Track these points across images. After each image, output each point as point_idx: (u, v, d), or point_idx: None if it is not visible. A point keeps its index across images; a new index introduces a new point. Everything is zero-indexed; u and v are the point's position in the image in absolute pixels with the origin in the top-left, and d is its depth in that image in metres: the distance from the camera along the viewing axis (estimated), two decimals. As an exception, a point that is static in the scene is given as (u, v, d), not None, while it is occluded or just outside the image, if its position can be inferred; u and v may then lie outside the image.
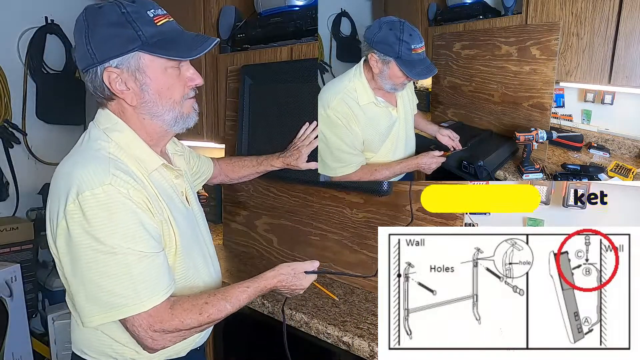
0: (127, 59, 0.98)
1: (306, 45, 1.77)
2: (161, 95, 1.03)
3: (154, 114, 1.05)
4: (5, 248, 2.49)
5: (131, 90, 1.01)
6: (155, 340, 0.99)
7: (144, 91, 1.02)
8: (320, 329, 1.39)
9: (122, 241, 0.94)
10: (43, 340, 2.53)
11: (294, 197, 1.87)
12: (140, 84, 1.01)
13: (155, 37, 0.98)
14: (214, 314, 1.04)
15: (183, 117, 1.08)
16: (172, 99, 1.05)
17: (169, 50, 0.99)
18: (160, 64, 1.01)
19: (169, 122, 1.07)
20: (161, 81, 1.02)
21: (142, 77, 1.00)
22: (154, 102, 1.03)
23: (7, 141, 2.68)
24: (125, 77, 1.00)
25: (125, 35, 0.96)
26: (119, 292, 0.95)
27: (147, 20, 0.98)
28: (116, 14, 0.97)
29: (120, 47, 0.97)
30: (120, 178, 0.96)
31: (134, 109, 1.04)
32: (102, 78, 1.00)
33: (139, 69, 1.00)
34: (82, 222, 0.93)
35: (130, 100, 1.02)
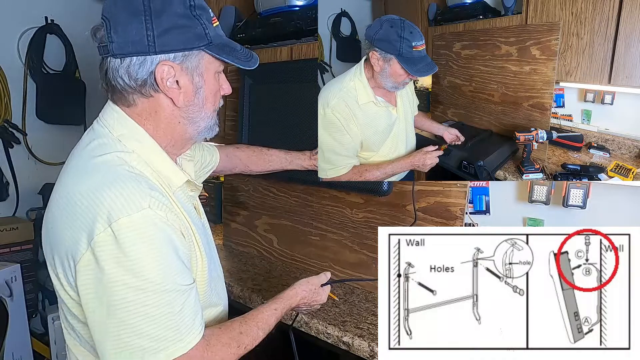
0: (190, 56, 0.90)
1: (306, 45, 1.77)
2: (208, 100, 0.97)
3: (192, 119, 0.96)
4: (5, 248, 2.49)
5: (182, 89, 0.91)
6: None
7: (198, 93, 0.93)
8: (320, 329, 1.39)
9: (164, 276, 0.82)
10: (43, 340, 2.53)
11: (294, 197, 1.87)
12: (195, 85, 0.93)
13: (217, 39, 0.92)
14: (249, 344, 0.99)
15: (212, 127, 1.02)
16: (214, 107, 1.00)
17: (231, 56, 0.94)
18: (214, 68, 0.95)
19: (201, 130, 0.99)
20: (212, 86, 0.96)
21: (199, 79, 0.93)
22: (200, 106, 0.95)
23: (7, 141, 2.68)
24: (180, 74, 0.90)
25: (193, 30, 0.88)
26: (159, 335, 0.82)
27: (209, 19, 0.91)
28: (183, 6, 0.87)
29: (187, 41, 0.88)
30: (158, 200, 0.83)
31: (175, 110, 0.93)
32: (155, 70, 0.88)
33: (197, 69, 0.91)
34: (118, 254, 0.79)
35: (176, 99, 0.92)
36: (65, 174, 0.90)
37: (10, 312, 2.32)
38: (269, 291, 1.62)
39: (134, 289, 0.80)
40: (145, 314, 0.81)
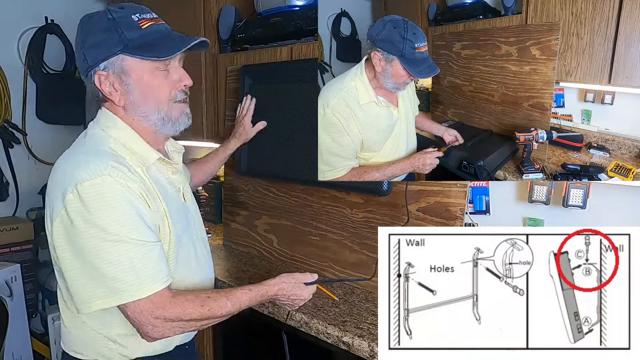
0: (113, 62, 1.04)
1: (306, 45, 1.77)
2: (146, 96, 1.07)
3: (141, 114, 1.09)
4: (5, 248, 2.49)
5: (118, 91, 1.06)
6: (156, 327, 1.01)
7: (129, 92, 1.06)
8: (320, 329, 1.39)
9: (121, 229, 0.96)
10: (43, 340, 2.53)
11: (294, 197, 1.87)
12: (125, 85, 1.06)
13: (138, 40, 1.03)
14: (215, 308, 1.06)
15: (170, 119, 1.11)
16: (158, 100, 1.08)
17: (147, 52, 1.04)
18: (145, 66, 1.05)
19: (156, 123, 1.10)
20: (146, 82, 1.06)
21: (127, 79, 1.05)
22: (140, 102, 1.07)
23: (7, 141, 2.68)
24: (112, 79, 1.05)
25: (110, 39, 1.02)
26: (121, 277, 0.96)
27: (131, 24, 1.03)
28: (104, 21, 1.03)
29: (106, 50, 1.03)
30: (118, 170, 0.99)
31: (124, 109, 1.09)
32: (94, 80, 1.05)
33: (123, 71, 1.04)
34: (82, 210, 0.95)
35: (117, 100, 1.07)
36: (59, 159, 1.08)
37: (10, 312, 2.33)
38: (269, 291, 1.62)
39: (97, 239, 0.95)
40: (106, 259, 0.96)
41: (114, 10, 1.04)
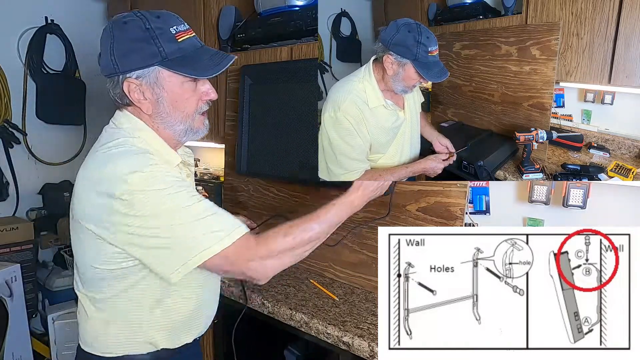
0: (147, 73, 1.05)
1: (306, 45, 1.77)
2: (175, 107, 1.10)
3: (167, 124, 1.11)
4: (5, 248, 2.49)
5: (148, 100, 1.08)
6: (255, 269, 1.06)
7: (160, 103, 1.08)
8: (320, 329, 1.39)
9: (187, 197, 1.01)
10: (43, 340, 2.53)
11: (294, 197, 1.87)
12: (156, 96, 1.07)
13: (175, 53, 1.05)
14: (299, 233, 1.10)
15: (193, 130, 1.14)
16: (185, 112, 1.11)
17: (186, 68, 1.05)
18: (177, 79, 1.07)
19: (179, 133, 1.13)
20: (177, 94, 1.08)
21: (159, 90, 1.07)
22: (168, 113, 1.10)
23: (7, 141, 2.68)
24: (143, 88, 1.06)
25: (147, 50, 1.03)
26: (201, 235, 1.00)
27: (169, 36, 1.04)
28: (140, 30, 1.03)
29: (142, 61, 1.04)
30: (160, 165, 1.03)
31: (149, 117, 1.10)
32: (122, 87, 1.06)
33: (157, 83, 1.06)
34: (146, 191, 0.98)
35: (146, 109, 1.09)
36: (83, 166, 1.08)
37: (10, 312, 2.32)
38: (268, 291, 1.62)
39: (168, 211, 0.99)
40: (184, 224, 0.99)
41: (152, 20, 1.04)
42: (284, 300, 1.55)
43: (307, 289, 1.64)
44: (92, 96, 2.89)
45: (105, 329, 1.12)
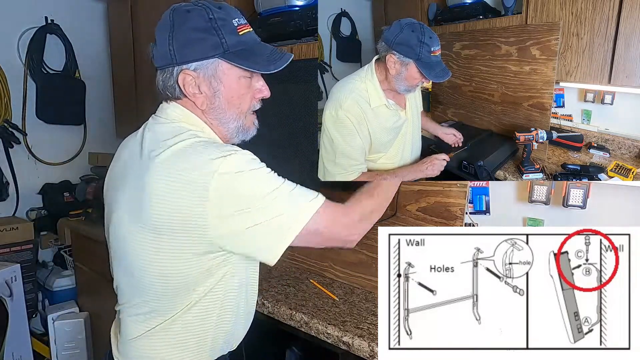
0: (206, 64, 1.00)
1: (306, 45, 1.77)
2: (230, 103, 1.05)
3: (220, 120, 1.06)
4: (5, 248, 2.49)
5: (203, 94, 1.02)
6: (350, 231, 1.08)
7: (216, 97, 1.03)
8: (320, 329, 1.39)
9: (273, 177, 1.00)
10: (43, 340, 2.53)
11: (294, 197, 1.87)
12: (213, 90, 1.02)
13: (237, 46, 1.00)
14: (383, 192, 1.19)
15: (244, 129, 1.10)
16: (240, 109, 1.07)
17: (248, 61, 1.01)
18: (235, 73, 1.03)
19: (232, 131, 1.08)
20: (234, 89, 1.04)
21: (217, 84, 1.02)
22: (223, 108, 1.04)
23: (7, 141, 2.68)
24: (200, 81, 1.01)
25: (209, 41, 0.98)
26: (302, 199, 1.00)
27: (231, 28, 1.00)
28: (203, 20, 0.98)
29: (202, 52, 0.99)
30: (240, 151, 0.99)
31: (202, 112, 1.05)
32: (177, 79, 1.01)
33: (215, 75, 1.01)
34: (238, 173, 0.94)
35: (200, 103, 1.03)
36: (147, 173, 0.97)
37: (10, 312, 2.33)
38: (268, 291, 1.62)
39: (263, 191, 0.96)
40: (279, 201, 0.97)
41: (215, 10, 0.99)
42: (284, 300, 1.55)
43: (307, 289, 1.64)
44: (92, 96, 2.89)
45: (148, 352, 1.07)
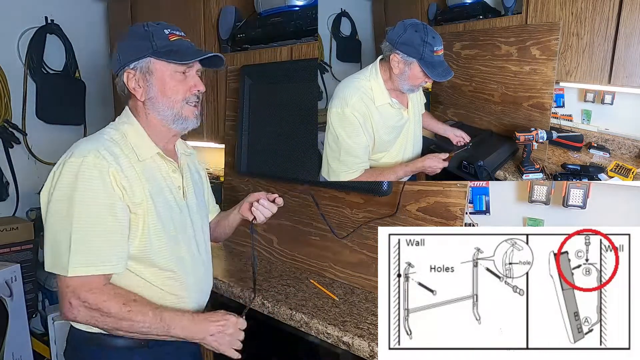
0: (142, 63, 1.21)
1: (306, 45, 1.77)
2: (164, 94, 1.23)
3: (157, 110, 1.23)
4: (5, 248, 2.49)
5: (141, 88, 1.22)
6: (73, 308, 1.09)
7: (150, 89, 1.22)
8: (320, 329, 1.39)
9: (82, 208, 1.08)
10: (43, 340, 2.53)
11: (294, 197, 1.87)
12: (148, 83, 1.22)
13: (165, 47, 1.21)
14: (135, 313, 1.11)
15: (182, 117, 1.25)
16: (173, 99, 1.23)
17: (170, 57, 1.21)
18: (168, 69, 1.22)
19: (169, 119, 1.24)
20: (165, 82, 1.22)
21: (150, 78, 1.22)
22: (157, 98, 1.22)
23: (7, 141, 2.68)
24: (138, 77, 1.22)
25: (144, 45, 1.21)
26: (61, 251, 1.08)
27: (162, 35, 1.22)
28: (141, 30, 1.23)
29: (137, 53, 1.21)
30: (102, 156, 1.12)
31: (143, 104, 1.24)
32: (123, 77, 1.22)
33: (149, 71, 1.21)
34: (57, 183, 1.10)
35: (139, 95, 1.23)
36: None
37: (10, 312, 2.32)
38: (268, 291, 1.62)
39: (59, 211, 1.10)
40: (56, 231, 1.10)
41: (151, 25, 1.23)
42: (284, 300, 1.55)
43: (307, 289, 1.65)
44: (92, 96, 2.89)
45: None
